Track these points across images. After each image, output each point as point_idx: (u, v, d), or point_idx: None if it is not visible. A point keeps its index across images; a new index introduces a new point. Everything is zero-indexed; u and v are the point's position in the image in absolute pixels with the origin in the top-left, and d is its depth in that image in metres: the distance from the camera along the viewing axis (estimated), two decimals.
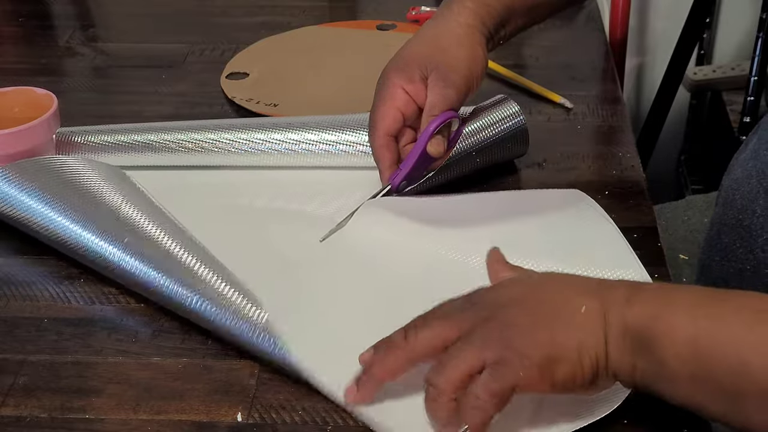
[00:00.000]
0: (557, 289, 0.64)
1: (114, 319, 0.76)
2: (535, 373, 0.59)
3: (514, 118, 0.90)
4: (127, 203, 0.79)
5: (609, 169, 0.93)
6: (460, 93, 0.82)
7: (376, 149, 0.83)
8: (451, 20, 0.84)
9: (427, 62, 0.82)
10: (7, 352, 0.73)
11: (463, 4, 0.85)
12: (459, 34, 0.83)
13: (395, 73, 0.83)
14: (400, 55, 0.85)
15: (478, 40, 0.84)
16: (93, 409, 0.68)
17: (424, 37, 0.85)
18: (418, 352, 0.63)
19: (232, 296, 0.71)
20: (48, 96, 0.89)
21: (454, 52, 0.83)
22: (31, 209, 0.80)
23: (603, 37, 1.19)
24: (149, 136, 0.92)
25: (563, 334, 0.60)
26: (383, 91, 0.83)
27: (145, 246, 0.75)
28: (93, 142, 0.92)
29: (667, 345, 0.58)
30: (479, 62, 0.83)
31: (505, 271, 0.70)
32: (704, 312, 0.58)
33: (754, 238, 0.85)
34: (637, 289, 0.62)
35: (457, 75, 0.82)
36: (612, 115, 1.02)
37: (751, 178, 0.86)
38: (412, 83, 0.82)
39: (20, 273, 0.82)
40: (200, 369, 0.71)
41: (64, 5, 1.35)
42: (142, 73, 1.14)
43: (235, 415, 0.67)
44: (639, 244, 0.80)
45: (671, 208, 1.12)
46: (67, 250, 0.79)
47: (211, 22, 1.27)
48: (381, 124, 0.83)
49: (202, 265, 0.73)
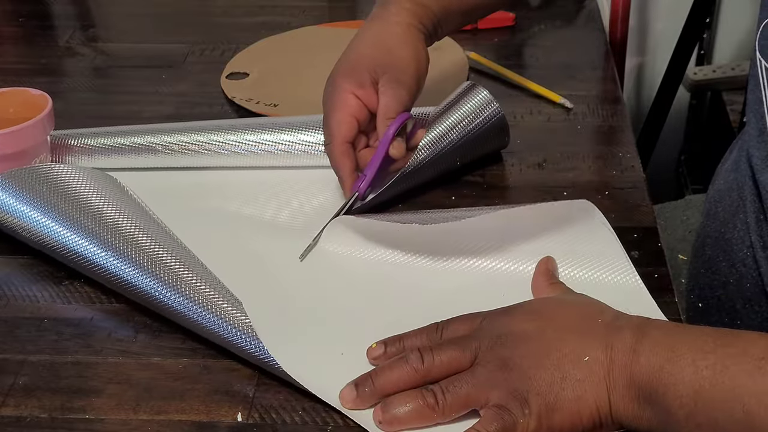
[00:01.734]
0: (567, 327, 0.64)
1: (114, 319, 0.76)
2: (534, 421, 0.61)
3: (488, 107, 0.89)
4: (116, 210, 0.78)
5: (609, 169, 0.93)
6: (412, 93, 0.83)
7: (336, 158, 0.82)
8: (391, 21, 0.84)
9: (375, 65, 0.82)
10: (8, 352, 0.73)
11: (401, 5, 0.85)
12: (400, 34, 0.84)
13: (344, 78, 0.83)
14: (347, 60, 0.84)
15: (419, 38, 0.84)
16: (93, 409, 0.68)
17: (367, 39, 0.85)
18: (432, 377, 0.65)
19: (219, 301, 0.70)
20: (43, 97, 0.89)
21: (399, 52, 0.83)
22: (25, 216, 0.79)
23: (603, 37, 1.19)
24: (144, 138, 0.92)
25: (564, 385, 0.62)
26: (335, 98, 0.83)
27: (134, 252, 0.74)
28: (88, 144, 0.92)
29: (672, 396, 0.59)
30: (424, 60, 0.84)
31: (545, 289, 0.72)
32: (708, 361, 0.59)
33: (735, 251, 0.85)
34: (643, 334, 0.62)
35: (407, 75, 0.82)
36: (612, 115, 1.02)
37: (732, 191, 0.86)
38: (363, 88, 0.82)
39: (20, 273, 0.82)
40: (200, 369, 0.71)
41: (64, 5, 1.35)
42: (142, 73, 1.14)
43: (235, 416, 0.67)
44: (639, 244, 0.80)
45: (670, 208, 1.12)
46: (61, 258, 0.79)
47: (211, 22, 1.27)
48: (338, 132, 0.82)
49: (189, 270, 0.73)
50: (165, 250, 0.74)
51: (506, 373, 0.63)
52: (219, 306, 0.70)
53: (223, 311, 0.70)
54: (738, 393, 0.57)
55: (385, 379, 0.65)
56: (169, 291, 0.72)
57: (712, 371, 0.58)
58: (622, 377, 0.61)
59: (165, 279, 0.72)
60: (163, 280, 0.72)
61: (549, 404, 0.61)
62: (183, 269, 0.73)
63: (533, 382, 0.62)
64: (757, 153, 0.79)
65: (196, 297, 0.71)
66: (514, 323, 0.66)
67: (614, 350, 0.62)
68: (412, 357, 0.65)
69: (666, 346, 0.60)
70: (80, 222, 0.77)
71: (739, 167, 0.84)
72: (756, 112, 0.79)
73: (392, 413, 0.63)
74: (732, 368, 0.58)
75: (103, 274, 0.76)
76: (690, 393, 0.58)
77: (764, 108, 0.78)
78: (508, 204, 0.87)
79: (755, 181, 0.81)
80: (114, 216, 0.77)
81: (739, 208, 0.84)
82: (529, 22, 1.21)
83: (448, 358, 0.65)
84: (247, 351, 0.69)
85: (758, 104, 0.79)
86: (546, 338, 0.64)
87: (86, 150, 0.92)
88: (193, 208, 0.88)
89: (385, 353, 0.68)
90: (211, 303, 0.70)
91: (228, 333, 0.69)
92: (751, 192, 0.82)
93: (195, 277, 0.72)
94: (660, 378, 0.60)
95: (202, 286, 0.71)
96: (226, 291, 0.72)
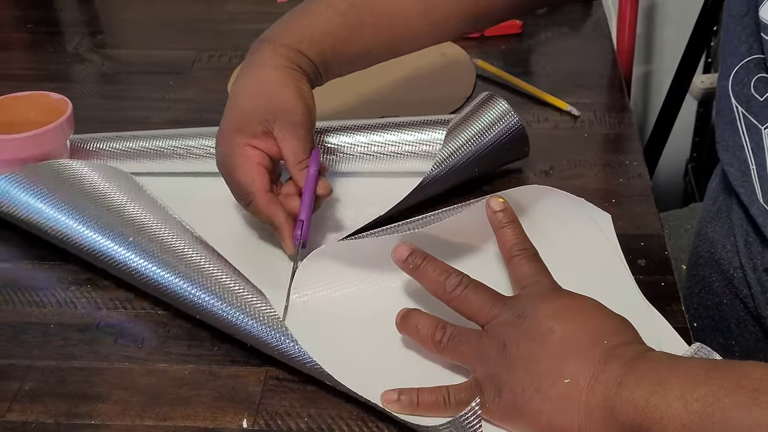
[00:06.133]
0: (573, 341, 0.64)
1: (120, 325, 0.76)
2: (499, 412, 0.64)
3: (507, 119, 0.88)
4: (135, 205, 0.79)
5: (616, 177, 0.92)
6: (309, 131, 0.80)
7: (265, 209, 0.79)
8: (266, 65, 0.81)
9: (264, 115, 0.79)
10: (14, 357, 0.73)
11: (275, 50, 0.82)
12: (279, 77, 0.81)
13: (236, 134, 0.80)
14: (233, 117, 0.81)
15: (300, 78, 0.82)
16: (99, 414, 0.68)
17: (247, 91, 0.81)
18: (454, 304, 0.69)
19: (244, 294, 0.71)
20: (63, 101, 0.90)
21: (283, 95, 0.80)
22: (43, 213, 0.80)
23: (610, 45, 1.19)
24: (164, 142, 0.92)
25: (535, 396, 0.62)
26: (234, 156, 0.79)
27: (153, 246, 0.76)
28: (108, 148, 0.92)
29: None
30: (308, 96, 0.81)
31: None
32: (698, 394, 0.57)
33: (725, 272, 0.85)
34: (631, 367, 0.61)
35: (298, 114, 0.80)
36: (619, 122, 1.01)
37: (721, 212, 0.86)
38: (257, 138, 0.79)
39: (27, 278, 0.82)
40: (206, 375, 0.71)
41: (73, 12, 1.35)
42: (149, 80, 1.14)
43: (241, 422, 0.67)
44: (645, 253, 0.80)
45: (675, 216, 1.12)
46: (79, 252, 0.79)
47: (218, 29, 1.27)
48: (255, 184, 0.79)
49: (210, 263, 0.74)
50: (191, 248, 0.75)
51: (500, 356, 0.64)
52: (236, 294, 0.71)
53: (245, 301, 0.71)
54: (731, 425, 0.55)
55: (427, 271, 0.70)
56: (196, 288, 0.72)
57: (703, 404, 0.56)
58: (601, 409, 0.60)
59: (192, 276, 0.73)
60: (190, 278, 0.73)
61: (517, 405, 0.63)
62: (210, 266, 0.74)
63: (513, 378, 0.63)
64: (743, 190, 0.79)
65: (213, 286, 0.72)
66: (539, 311, 0.65)
67: (598, 381, 0.61)
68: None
69: (653, 380, 0.59)
70: (101, 218, 0.78)
71: (727, 186, 0.83)
72: (738, 158, 0.79)
73: (408, 324, 0.70)
74: (725, 400, 0.56)
75: (124, 269, 0.76)
76: (677, 427, 0.57)
77: (746, 153, 0.78)
78: None
79: (741, 203, 0.80)
80: (133, 211, 0.78)
81: (728, 230, 0.84)
82: (536, 30, 1.21)
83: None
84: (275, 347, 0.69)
85: (738, 149, 0.79)
86: (547, 345, 0.64)
87: (106, 154, 0.92)
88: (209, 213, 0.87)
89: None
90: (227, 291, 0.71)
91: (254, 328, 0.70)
92: (739, 216, 0.82)
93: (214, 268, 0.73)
94: (645, 413, 0.58)
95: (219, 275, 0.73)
96: (244, 281, 0.72)
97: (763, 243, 0.79)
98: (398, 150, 0.89)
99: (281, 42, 0.83)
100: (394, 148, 0.89)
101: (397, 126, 0.90)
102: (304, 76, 0.83)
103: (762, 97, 0.75)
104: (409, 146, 0.89)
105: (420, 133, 0.89)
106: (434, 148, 0.88)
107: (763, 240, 0.78)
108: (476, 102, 0.91)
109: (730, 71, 0.78)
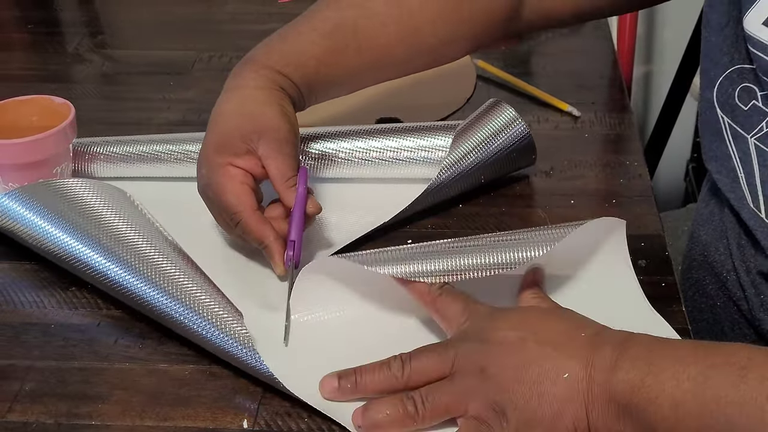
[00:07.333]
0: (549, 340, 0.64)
1: (121, 325, 0.76)
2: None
3: (514, 126, 0.88)
4: (126, 223, 0.78)
5: (616, 177, 0.92)
6: (294, 148, 0.79)
7: (255, 229, 0.77)
8: (249, 86, 0.81)
9: (248, 134, 0.78)
10: (14, 357, 0.73)
11: (258, 72, 0.81)
12: (262, 97, 0.80)
13: (218, 155, 0.78)
14: (213, 138, 0.79)
15: (283, 98, 0.81)
16: (99, 415, 0.68)
17: (229, 112, 0.80)
18: (413, 383, 0.66)
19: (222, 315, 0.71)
20: (65, 105, 0.90)
21: (267, 114, 0.79)
22: (39, 228, 0.79)
23: (611, 45, 1.19)
24: (158, 147, 0.91)
25: (541, 401, 0.62)
26: (217, 175, 0.78)
27: (142, 265, 0.74)
28: (111, 153, 0.92)
29: (653, 410, 0.59)
30: (292, 115, 0.81)
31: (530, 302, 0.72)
32: (689, 372, 0.58)
33: (718, 274, 0.85)
34: (623, 350, 0.61)
35: (283, 132, 0.78)
36: (619, 123, 1.01)
37: (714, 215, 0.86)
38: (240, 157, 0.78)
39: (28, 279, 0.82)
40: (207, 376, 0.71)
41: (73, 12, 1.35)
42: (150, 80, 1.14)
43: (241, 422, 0.67)
44: (646, 254, 0.80)
45: (673, 217, 1.12)
46: (73, 269, 0.79)
47: (218, 29, 1.27)
48: (244, 204, 0.77)
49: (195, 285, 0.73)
50: (173, 265, 0.74)
51: (484, 383, 0.63)
52: (221, 319, 0.70)
53: (226, 324, 0.70)
54: (721, 403, 0.57)
55: (368, 378, 0.66)
56: (176, 304, 0.72)
57: (694, 383, 0.58)
58: (602, 394, 0.61)
59: (171, 292, 0.72)
60: (169, 293, 0.72)
61: (527, 419, 0.62)
62: (190, 284, 0.73)
63: (511, 396, 0.62)
64: (733, 195, 0.79)
65: (201, 311, 0.71)
66: (495, 330, 0.66)
67: (594, 367, 0.61)
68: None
69: (646, 361, 0.60)
70: (92, 235, 0.77)
71: (718, 190, 0.83)
72: (726, 167, 0.79)
73: (372, 419, 0.64)
74: (714, 378, 0.58)
75: (111, 285, 0.76)
76: (671, 406, 0.58)
77: (734, 162, 0.78)
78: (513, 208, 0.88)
79: (732, 207, 0.81)
80: (124, 229, 0.77)
81: (721, 233, 0.84)
82: (537, 30, 1.21)
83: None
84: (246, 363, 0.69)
85: (726, 159, 0.79)
86: (527, 350, 0.64)
87: (109, 158, 0.92)
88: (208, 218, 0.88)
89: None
90: (214, 316, 0.70)
91: (229, 345, 0.69)
92: (731, 219, 0.82)
93: (200, 291, 0.72)
94: (640, 393, 0.59)
95: (206, 300, 0.72)
96: (229, 305, 0.72)
97: (755, 246, 0.79)
98: (400, 156, 0.89)
99: (263, 64, 0.82)
100: (395, 153, 0.89)
101: (400, 132, 0.89)
102: (287, 96, 0.82)
103: (746, 106, 0.76)
104: (412, 152, 0.88)
105: (423, 140, 0.88)
106: (439, 155, 0.88)
107: (756, 243, 0.78)
108: (482, 108, 0.90)
109: (714, 82, 0.78)
